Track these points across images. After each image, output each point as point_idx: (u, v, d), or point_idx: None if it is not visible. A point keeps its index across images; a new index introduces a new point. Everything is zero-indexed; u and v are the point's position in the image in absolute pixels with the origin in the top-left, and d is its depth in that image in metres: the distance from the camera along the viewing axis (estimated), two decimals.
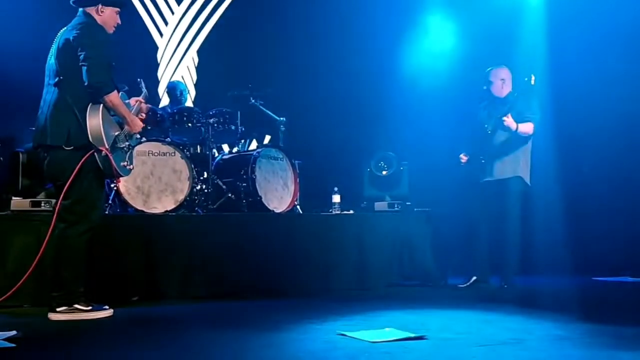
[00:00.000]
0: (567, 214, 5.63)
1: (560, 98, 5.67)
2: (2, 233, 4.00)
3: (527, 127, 4.68)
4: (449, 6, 6.55)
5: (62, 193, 3.42)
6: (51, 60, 3.55)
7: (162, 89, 6.62)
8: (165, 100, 6.31)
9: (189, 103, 6.48)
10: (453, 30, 6.59)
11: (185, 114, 5.26)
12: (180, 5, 6.97)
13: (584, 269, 5.44)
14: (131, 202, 4.61)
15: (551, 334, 3.05)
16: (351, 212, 5.28)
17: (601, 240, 5.63)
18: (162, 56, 6.88)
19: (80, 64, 3.40)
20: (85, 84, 3.39)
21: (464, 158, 4.85)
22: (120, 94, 3.56)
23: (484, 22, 6.13)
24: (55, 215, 3.46)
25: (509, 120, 4.58)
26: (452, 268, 5.11)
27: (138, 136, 3.77)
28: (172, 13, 6.95)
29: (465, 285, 4.80)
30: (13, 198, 4.20)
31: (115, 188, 4.63)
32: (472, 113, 4.99)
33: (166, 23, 6.92)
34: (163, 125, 5.23)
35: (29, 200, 4.20)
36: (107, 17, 3.58)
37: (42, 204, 4.17)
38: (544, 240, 5.46)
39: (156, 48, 6.85)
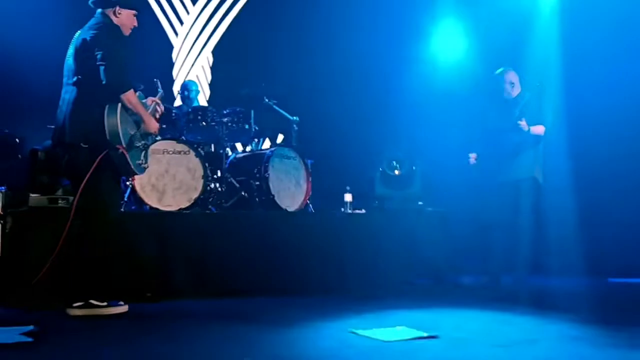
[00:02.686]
0: (582, 215, 5.59)
1: (574, 99, 5.64)
2: (20, 229, 4.06)
3: (538, 129, 4.73)
4: (462, 7, 6.54)
5: (80, 190, 3.47)
6: (69, 60, 3.60)
7: (177, 88, 6.67)
8: (180, 100, 6.36)
9: (202, 102, 6.52)
10: (466, 31, 6.58)
11: (200, 113, 5.31)
12: (196, 5, 7.03)
13: (599, 270, 5.41)
14: (146, 199, 4.66)
15: (565, 334, 3.04)
16: (363, 211, 5.29)
17: (616, 241, 5.58)
18: (178, 56, 6.94)
19: (97, 63, 3.45)
20: (103, 83, 3.44)
21: (472, 158, 4.88)
22: (137, 93, 3.60)
23: (497, 22, 6.11)
24: (72, 211, 3.51)
25: (522, 123, 4.63)
26: (464, 267, 5.10)
27: (154, 135, 3.81)
28: (188, 13, 7.01)
29: (477, 285, 4.80)
30: (31, 195, 4.25)
31: (130, 185, 4.68)
32: (483, 114, 5.00)
33: (181, 23, 6.98)
34: (178, 124, 5.28)
35: (47, 197, 4.25)
36: (124, 19, 3.63)
37: (59, 201, 4.23)
38: (559, 241, 5.43)
39: (171, 47, 6.91)
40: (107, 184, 3.55)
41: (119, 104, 3.48)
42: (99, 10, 3.63)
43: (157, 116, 3.81)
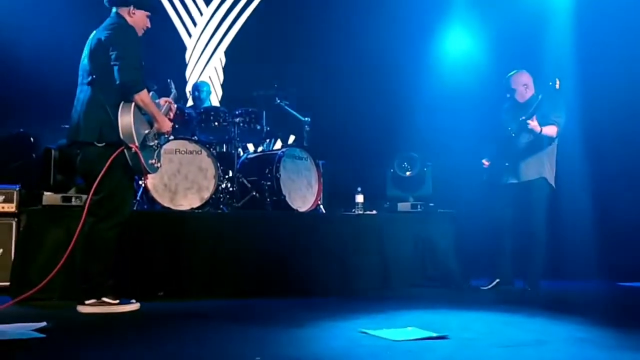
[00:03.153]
0: (593, 219, 5.56)
1: (588, 100, 5.61)
2: (34, 227, 4.12)
3: (550, 130, 4.65)
4: (475, 7, 6.52)
5: (93, 188, 3.51)
6: (84, 60, 3.65)
7: (190, 89, 6.73)
8: (191, 100, 6.42)
9: (214, 103, 6.57)
10: (478, 31, 6.57)
11: (212, 113, 5.35)
12: (209, 7, 7.08)
13: (609, 274, 5.37)
14: (158, 199, 4.70)
15: (573, 336, 3.04)
16: (374, 212, 5.29)
17: (627, 246, 5.55)
18: (191, 56, 6.99)
19: (112, 63, 3.50)
20: (117, 82, 3.49)
21: (486, 163, 4.85)
22: (150, 93, 3.64)
23: (512, 22, 6.09)
24: (85, 209, 3.55)
25: (533, 123, 4.56)
26: (475, 270, 5.09)
27: (167, 135, 3.85)
28: (201, 14, 7.06)
29: (488, 287, 4.79)
30: (45, 193, 4.31)
31: (143, 185, 4.73)
32: (495, 115, 4.97)
33: (195, 24, 7.03)
34: (190, 124, 5.32)
35: (60, 195, 4.31)
36: (138, 19, 3.68)
37: (73, 199, 4.28)
38: (569, 244, 5.40)
39: (185, 48, 6.97)
40: (120, 183, 3.59)
41: (133, 104, 3.52)
42: (114, 10, 3.69)
43: (171, 116, 3.85)
